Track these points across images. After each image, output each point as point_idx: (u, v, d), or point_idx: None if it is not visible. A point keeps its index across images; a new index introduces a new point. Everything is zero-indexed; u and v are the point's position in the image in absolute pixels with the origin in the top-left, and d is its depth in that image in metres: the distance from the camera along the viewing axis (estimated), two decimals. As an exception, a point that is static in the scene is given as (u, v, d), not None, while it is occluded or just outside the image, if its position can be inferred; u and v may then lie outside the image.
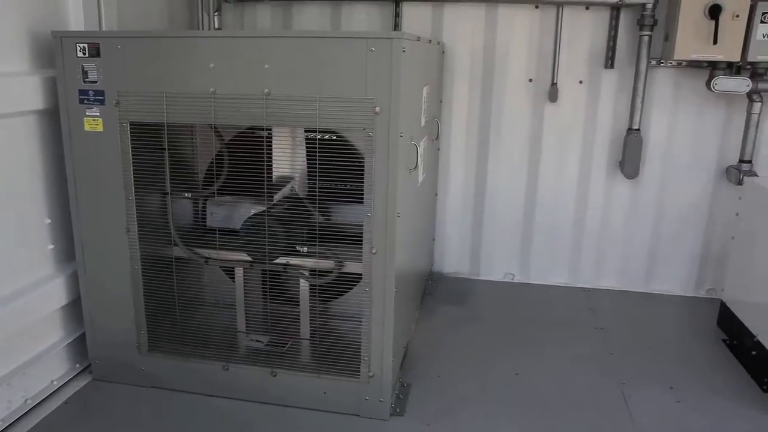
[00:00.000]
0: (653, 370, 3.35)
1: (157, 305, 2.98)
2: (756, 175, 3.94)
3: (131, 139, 2.75)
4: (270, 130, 2.75)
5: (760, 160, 4.04)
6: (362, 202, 2.59)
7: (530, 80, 4.20)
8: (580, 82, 4.17)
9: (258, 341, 3.10)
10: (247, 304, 3.14)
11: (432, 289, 4.31)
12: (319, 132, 2.68)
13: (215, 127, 2.89)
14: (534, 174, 4.36)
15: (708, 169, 4.18)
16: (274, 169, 3.00)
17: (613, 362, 3.43)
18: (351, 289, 2.96)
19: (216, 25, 4.11)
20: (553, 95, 4.16)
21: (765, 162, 4.06)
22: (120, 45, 2.65)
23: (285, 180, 3.12)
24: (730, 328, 3.70)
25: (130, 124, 2.73)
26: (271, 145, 2.80)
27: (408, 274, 3.20)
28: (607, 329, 3.83)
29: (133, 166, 2.78)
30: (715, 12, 3.56)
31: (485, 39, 4.18)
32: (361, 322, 2.75)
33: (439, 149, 4.33)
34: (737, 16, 3.58)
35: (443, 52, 4.17)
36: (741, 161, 4.01)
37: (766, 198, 3.39)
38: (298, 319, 3.04)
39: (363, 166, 2.56)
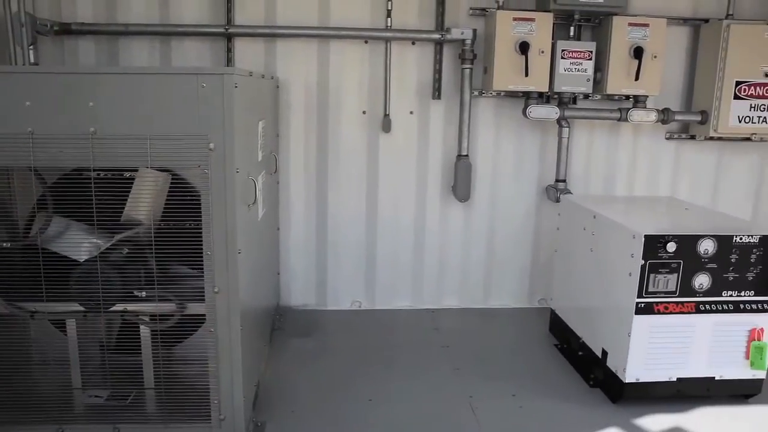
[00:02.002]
0: (496, 380, 3.56)
1: (-26, 370, 2.68)
2: (570, 193, 4.36)
3: (-67, 187, 2.48)
4: (99, 171, 2.60)
5: (572, 179, 4.48)
6: (201, 241, 2.53)
7: (364, 112, 4.35)
8: (411, 112, 4.38)
9: (97, 396, 2.89)
10: (83, 358, 2.91)
11: (280, 324, 4.27)
12: (155, 170, 2.58)
13: (36, 170, 2.68)
14: (373, 202, 4.49)
15: (530, 189, 4.56)
16: (116, 211, 2.82)
17: (460, 377, 3.60)
18: (195, 331, 2.85)
19: (32, 60, 3.83)
20: (386, 126, 4.34)
21: (576, 181, 4.52)
22: None
23: (130, 222, 2.95)
24: (560, 334, 4.03)
25: (-70, 170, 2.47)
26: (101, 187, 2.64)
27: (254, 311, 3.15)
28: (452, 346, 4.01)
29: (-62, 216, 2.51)
30: (524, 48, 3.94)
31: (319, 73, 4.28)
32: (207, 364, 2.66)
33: (278, 183, 4.33)
34: (542, 52, 3.99)
35: (278, 87, 4.21)
36: (557, 180, 4.42)
37: (578, 213, 3.77)
38: (141, 368, 2.88)
39: (200, 203, 2.50)
